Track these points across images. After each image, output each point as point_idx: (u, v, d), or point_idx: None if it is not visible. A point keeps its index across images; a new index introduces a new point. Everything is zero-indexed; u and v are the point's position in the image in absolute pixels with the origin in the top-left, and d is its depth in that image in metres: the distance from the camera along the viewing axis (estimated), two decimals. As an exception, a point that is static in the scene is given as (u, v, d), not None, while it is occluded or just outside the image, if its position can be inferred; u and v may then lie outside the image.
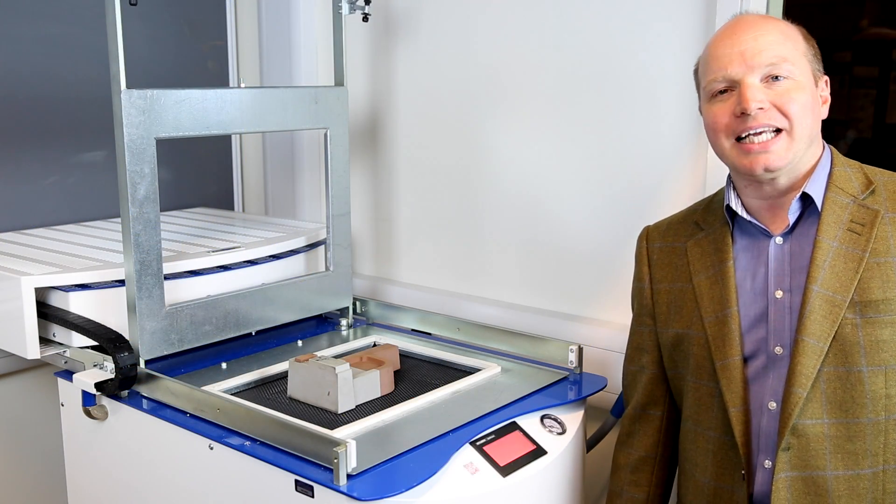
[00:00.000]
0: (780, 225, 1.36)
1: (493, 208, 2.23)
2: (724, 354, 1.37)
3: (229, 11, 2.63)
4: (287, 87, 1.97)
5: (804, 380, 1.28)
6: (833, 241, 1.30)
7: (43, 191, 2.26)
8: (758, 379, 1.35)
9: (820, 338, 1.28)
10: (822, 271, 1.29)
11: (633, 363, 1.57)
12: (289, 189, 2.59)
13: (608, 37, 1.96)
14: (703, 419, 1.41)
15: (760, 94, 1.28)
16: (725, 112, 1.32)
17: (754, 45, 1.30)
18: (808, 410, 1.29)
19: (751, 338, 1.36)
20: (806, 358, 1.28)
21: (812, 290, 1.29)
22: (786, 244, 1.35)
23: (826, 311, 1.28)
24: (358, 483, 1.31)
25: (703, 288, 1.41)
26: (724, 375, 1.36)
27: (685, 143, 1.88)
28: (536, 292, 2.17)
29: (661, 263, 1.50)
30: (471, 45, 2.21)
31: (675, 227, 1.51)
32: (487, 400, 1.62)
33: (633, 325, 1.57)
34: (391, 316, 2.11)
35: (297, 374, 1.65)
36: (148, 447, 1.63)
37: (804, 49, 1.33)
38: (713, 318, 1.39)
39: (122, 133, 1.61)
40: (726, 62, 1.31)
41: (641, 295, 1.53)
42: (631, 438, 1.57)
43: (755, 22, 1.34)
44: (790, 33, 1.33)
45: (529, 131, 2.13)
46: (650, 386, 1.54)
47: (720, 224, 1.42)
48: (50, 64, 2.22)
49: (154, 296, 1.69)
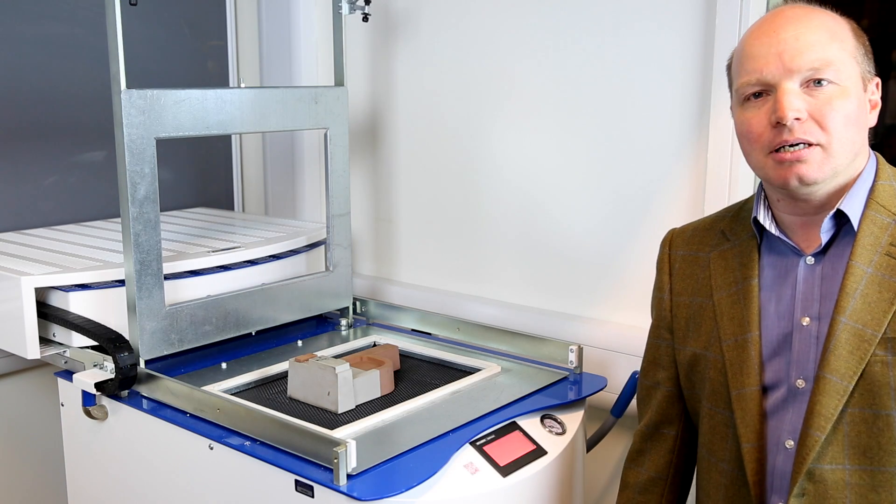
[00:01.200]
0: (813, 244, 1.21)
1: (493, 208, 2.23)
2: (740, 383, 1.24)
3: (229, 11, 2.63)
4: (287, 87, 1.97)
5: (823, 421, 1.15)
6: (868, 266, 1.16)
7: (43, 191, 2.26)
8: (776, 413, 1.22)
9: (844, 376, 1.14)
10: (852, 300, 1.15)
11: (648, 378, 1.45)
12: (289, 189, 2.59)
13: (608, 37, 1.96)
14: (716, 449, 1.29)
15: (799, 103, 1.13)
16: (760, 120, 1.17)
17: (795, 46, 1.14)
18: (828, 454, 1.15)
19: (772, 367, 1.23)
20: (827, 397, 1.15)
21: (839, 322, 1.15)
22: (817, 266, 1.20)
23: (853, 346, 1.14)
24: (358, 483, 1.31)
25: (723, 306, 1.28)
26: (739, 406, 1.23)
27: (685, 144, 1.88)
28: (536, 292, 2.17)
29: (682, 274, 1.37)
30: (471, 45, 2.21)
31: (701, 234, 1.37)
32: (487, 400, 1.62)
33: (651, 336, 1.44)
34: (391, 316, 2.11)
35: (297, 374, 1.65)
36: (148, 447, 1.63)
37: (853, 48, 1.17)
38: (732, 341, 1.26)
39: (122, 133, 1.61)
40: (762, 63, 1.16)
41: (661, 306, 1.41)
42: (642, 457, 1.45)
43: (798, 17, 1.17)
44: (838, 30, 1.16)
45: (529, 131, 2.13)
46: (665, 404, 1.42)
47: (747, 237, 1.29)
48: (50, 64, 2.23)
49: (154, 296, 1.69)
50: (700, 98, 1.84)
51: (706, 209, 1.81)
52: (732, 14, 1.74)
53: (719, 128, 1.79)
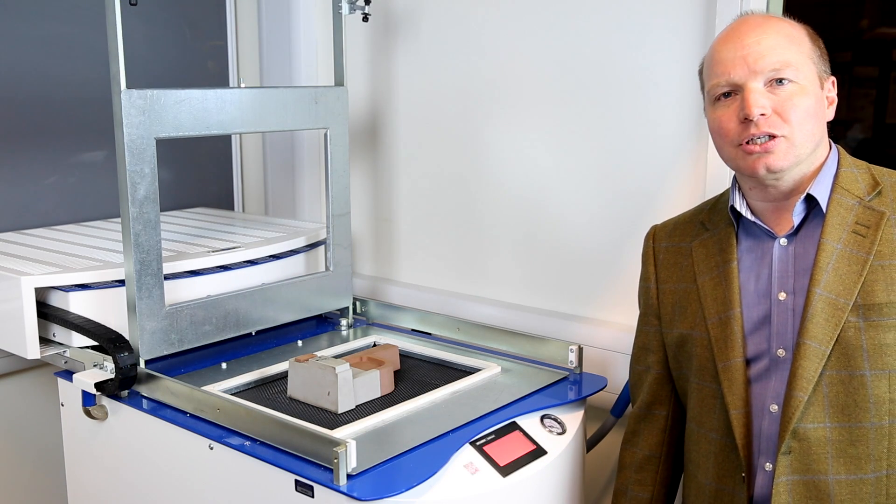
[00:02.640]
0: (785, 226, 1.35)
1: (493, 208, 2.23)
2: (726, 356, 1.36)
3: (229, 11, 2.63)
4: (287, 87, 1.97)
5: (805, 383, 1.27)
6: (837, 243, 1.29)
7: (43, 191, 2.26)
8: (760, 381, 1.35)
9: (822, 341, 1.27)
10: (825, 274, 1.28)
11: (639, 363, 1.57)
12: (289, 189, 2.59)
13: (608, 37, 1.96)
14: (705, 420, 1.41)
15: (763, 100, 1.27)
16: (729, 117, 1.31)
17: (758, 49, 1.28)
18: (810, 414, 1.28)
19: (753, 340, 1.36)
20: (807, 361, 1.27)
21: (815, 293, 1.28)
22: (790, 246, 1.34)
23: (828, 315, 1.27)
24: (358, 483, 1.31)
25: (706, 289, 1.41)
26: (725, 377, 1.36)
27: (685, 144, 1.88)
28: (536, 292, 2.17)
29: (666, 263, 1.50)
30: (471, 45, 2.21)
31: (682, 227, 1.51)
32: (487, 400, 1.62)
33: (639, 324, 1.57)
34: (391, 316, 2.11)
35: (297, 374, 1.65)
36: (148, 447, 1.63)
37: (809, 51, 1.31)
38: (716, 319, 1.38)
39: (122, 133, 1.61)
40: (729, 66, 1.30)
41: (647, 295, 1.54)
42: (636, 437, 1.58)
43: (759, 24, 1.32)
44: (795, 35, 1.31)
45: (530, 131, 2.13)
46: (655, 386, 1.54)
47: (725, 225, 1.42)
48: (50, 64, 2.22)
49: (154, 296, 1.69)
50: (700, 98, 1.84)
51: (706, 209, 1.82)
52: (732, 14, 1.73)
53: (719, 128, 1.79)
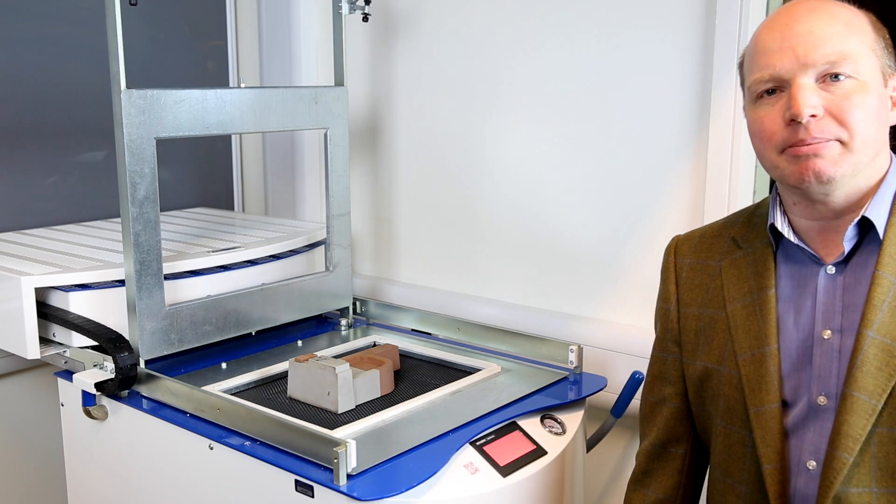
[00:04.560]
0: (834, 252, 1.14)
1: (493, 208, 2.23)
2: (759, 400, 1.17)
3: (229, 11, 2.63)
4: (287, 87, 1.97)
5: (851, 442, 1.08)
6: (895, 277, 1.10)
7: (43, 191, 2.26)
8: (796, 432, 1.16)
9: (873, 394, 1.08)
10: (879, 313, 1.08)
11: (653, 393, 1.37)
12: (289, 189, 2.59)
13: (608, 38, 1.96)
14: (733, 470, 1.22)
15: (815, 99, 1.07)
16: (773, 119, 1.11)
17: (810, 39, 1.08)
18: (855, 477, 1.09)
19: (791, 382, 1.16)
20: (855, 417, 1.08)
21: (866, 336, 1.09)
22: (839, 276, 1.14)
23: (882, 362, 1.08)
24: (358, 483, 1.31)
25: (738, 318, 1.21)
26: (758, 425, 1.17)
27: (685, 143, 1.88)
28: (536, 292, 2.17)
29: (690, 283, 1.30)
30: (471, 46, 2.21)
31: (709, 242, 1.30)
32: (487, 400, 1.62)
33: (656, 350, 1.37)
34: (391, 316, 2.11)
35: (297, 374, 1.65)
36: (148, 447, 1.63)
37: (872, 41, 1.11)
38: (748, 355, 1.19)
39: (122, 133, 1.61)
40: (775, 58, 1.10)
41: (666, 318, 1.33)
42: (648, 478, 1.37)
43: (813, 8, 1.11)
44: (856, 22, 1.11)
45: (530, 131, 2.13)
46: (672, 421, 1.34)
47: (762, 244, 1.22)
48: (50, 64, 2.22)
49: (154, 296, 1.69)
50: (700, 99, 1.84)
51: (706, 209, 1.81)
52: (732, 15, 1.74)
53: (719, 129, 1.79)
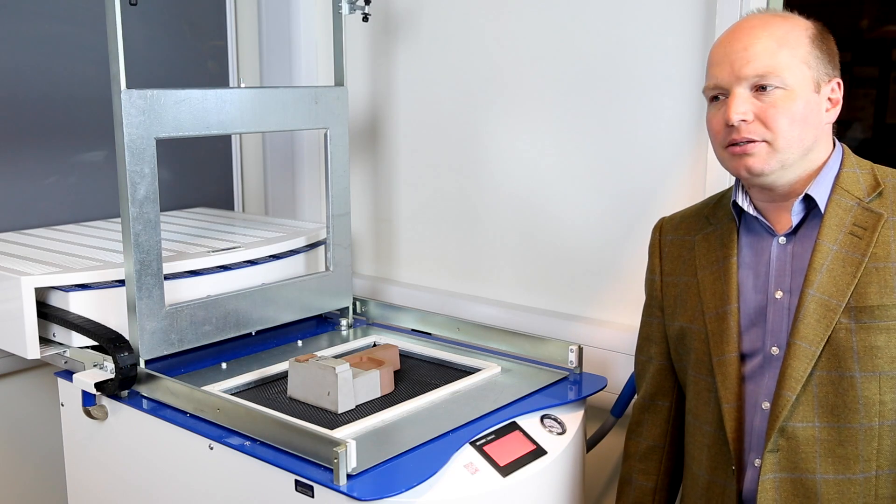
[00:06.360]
0: (785, 225, 1.36)
1: (493, 208, 2.23)
2: (721, 350, 1.38)
3: (229, 11, 2.63)
4: (287, 87, 1.97)
5: (794, 383, 1.28)
6: (833, 244, 1.30)
7: (43, 191, 2.26)
8: (754, 378, 1.36)
9: (812, 342, 1.28)
10: (819, 275, 1.29)
11: (642, 353, 1.59)
12: (289, 189, 2.59)
13: (608, 37, 1.96)
14: (700, 413, 1.43)
15: (744, 107, 1.29)
16: (719, 120, 1.34)
17: (744, 55, 1.29)
18: (799, 413, 1.29)
19: (749, 336, 1.37)
20: (797, 361, 1.29)
21: (808, 294, 1.29)
22: (789, 245, 1.35)
23: (820, 315, 1.28)
24: (358, 483, 1.31)
25: (706, 283, 1.43)
26: (720, 371, 1.38)
27: (685, 143, 1.88)
28: (537, 292, 2.17)
29: (671, 256, 1.52)
30: (471, 45, 2.21)
31: (688, 221, 1.52)
32: (487, 400, 1.62)
33: (644, 315, 1.59)
34: (391, 316, 2.11)
35: (297, 374, 1.65)
36: (148, 447, 1.63)
37: (805, 54, 1.30)
38: (713, 313, 1.40)
39: (122, 133, 1.61)
40: (718, 70, 1.33)
41: (652, 287, 1.55)
42: (640, 427, 1.59)
43: (753, 26, 1.32)
44: (790, 38, 1.30)
45: (530, 131, 2.13)
46: (658, 377, 1.56)
47: (727, 220, 1.43)
48: (50, 64, 2.22)
49: (154, 296, 1.69)
50: (700, 99, 1.84)
51: (706, 209, 1.82)
52: (732, 13, 1.74)
53: (719, 128, 1.79)
